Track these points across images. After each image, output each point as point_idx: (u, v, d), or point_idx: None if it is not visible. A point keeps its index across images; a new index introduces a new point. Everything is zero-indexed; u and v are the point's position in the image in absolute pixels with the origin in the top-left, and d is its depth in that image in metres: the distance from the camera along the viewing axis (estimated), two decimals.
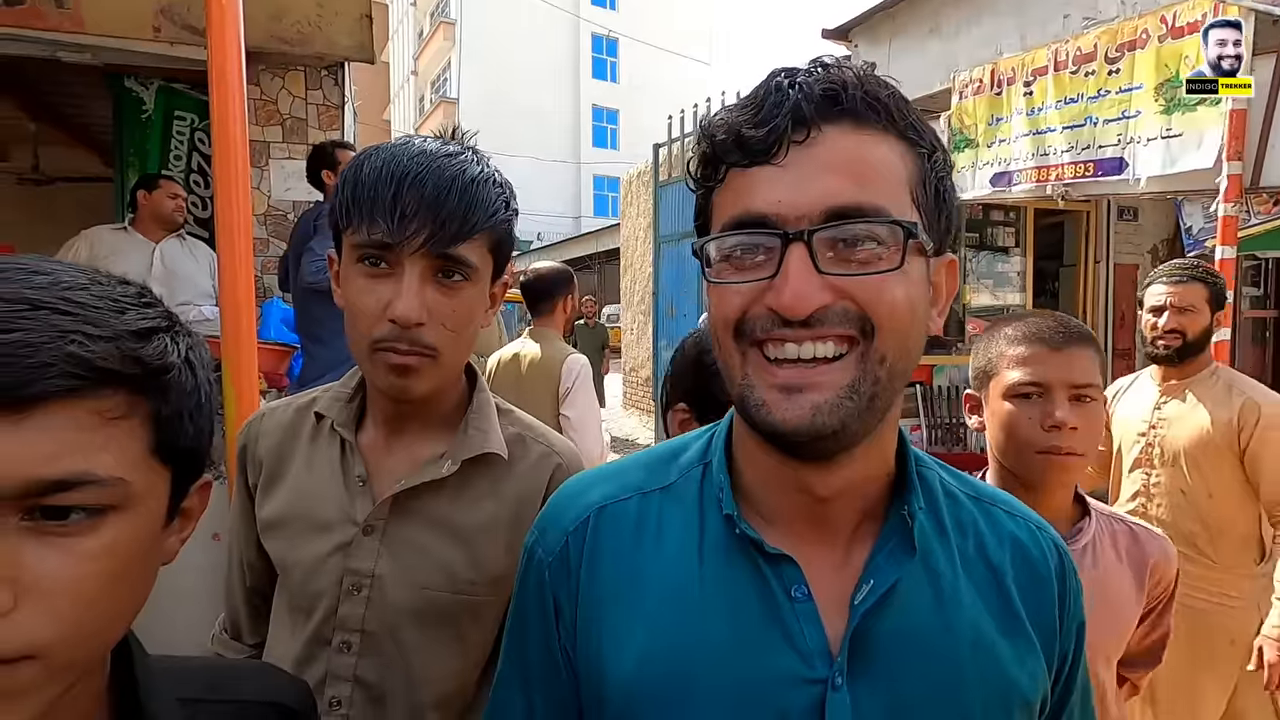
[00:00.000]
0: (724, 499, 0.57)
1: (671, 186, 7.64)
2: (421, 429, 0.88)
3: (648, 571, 0.57)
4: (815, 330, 0.49)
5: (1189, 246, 4.18)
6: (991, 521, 0.62)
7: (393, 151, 0.78)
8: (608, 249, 13.23)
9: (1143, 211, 5.99)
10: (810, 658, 0.53)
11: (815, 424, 0.49)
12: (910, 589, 0.55)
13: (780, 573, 0.55)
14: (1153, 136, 3.16)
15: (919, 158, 0.53)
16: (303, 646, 0.83)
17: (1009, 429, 1.05)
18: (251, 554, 0.92)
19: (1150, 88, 3.15)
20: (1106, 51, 3.35)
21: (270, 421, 0.92)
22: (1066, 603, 0.61)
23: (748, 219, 0.51)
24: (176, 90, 3.82)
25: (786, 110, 0.50)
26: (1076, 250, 6.06)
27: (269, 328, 3.21)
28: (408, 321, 0.76)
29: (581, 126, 26.71)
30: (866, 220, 0.49)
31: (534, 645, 0.61)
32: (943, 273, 0.57)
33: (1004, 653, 0.56)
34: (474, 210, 0.78)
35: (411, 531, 0.84)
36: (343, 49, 3.62)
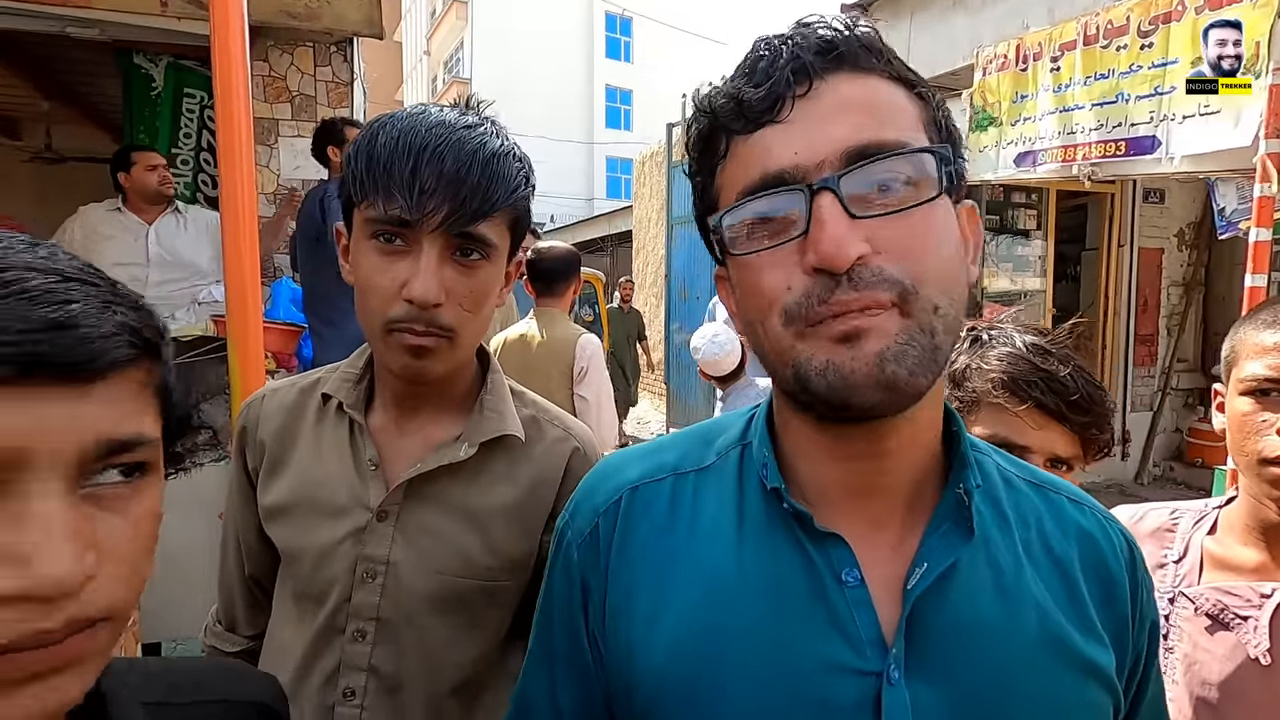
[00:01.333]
0: (768, 474, 0.54)
1: (685, 166, 7.55)
2: (435, 411, 0.85)
3: (681, 554, 0.54)
4: (863, 294, 0.45)
5: (1221, 229, 4.06)
6: (1055, 511, 0.58)
7: (410, 122, 0.74)
8: (620, 231, 13.15)
9: (1170, 193, 5.83)
10: (861, 647, 0.49)
11: (886, 373, 0.45)
12: (969, 576, 0.52)
13: (828, 554, 0.51)
14: (1189, 114, 3.04)
15: (924, 101, 0.51)
16: (314, 636, 0.81)
17: (1239, 432, 0.86)
18: (252, 540, 0.89)
19: (1186, 62, 3.02)
20: (1139, 25, 3.22)
21: (272, 403, 0.88)
22: (1139, 599, 0.57)
23: (763, 181, 0.48)
24: (186, 67, 3.80)
25: (783, 64, 0.48)
26: (1100, 233, 5.92)
27: (278, 307, 3.20)
28: (426, 303, 0.73)
29: (595, 107, 26.48)
30: (895, 153, 0.47)
31: (561, 627, 0.59)
32: (963, 219, 0.53)
33: (1079, 649, 0.52)
34: (495, 187, 0.74)
35: (427, 516, 0.81)
36: (351, 24, 3.56)
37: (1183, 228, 6.00)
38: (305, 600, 0.83)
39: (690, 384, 7.45)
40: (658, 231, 8.31)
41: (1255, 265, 2.81)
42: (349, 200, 0.77)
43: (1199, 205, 5.81)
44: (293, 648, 0.82)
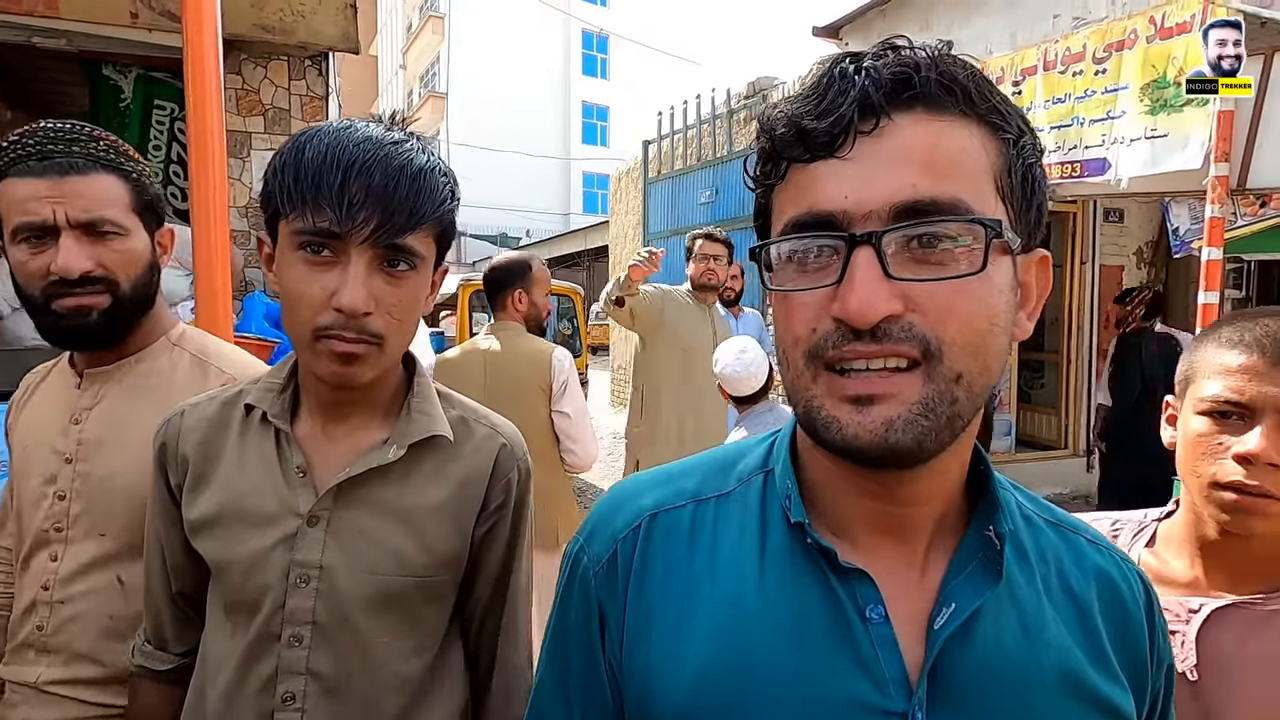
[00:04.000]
0: (791, 507, 0.53)
1: (660, 183, 7.62)
2: (363, 417, 0.87)
3: (703, 584, 0.53)
4: (883, 345, 0.45)
5: (1175, 248, 4.20)
6: (1074, 551, 0.57)
7: (336, 136, 0.75)
8: (596, 246, 13.19)
9: (1128, 213, 6.03)
10: (885, 686, 0.49)
11: (889, 441, 0.45)
12: (994, 617, 0.51)
13: (853, 590, 0.50)
14: (1136, 137, 3.16)
15: (1004, 144, 0.47)
16: (249, 644, 0.81)
17: (1192, 452, 0.84)
18: (178, 556, 0.88)
19: (1136, 88, 3.15)
20: (1095, 52, 3.36)
21: (192, 418, 0.88)
22: (1157, 642, 0.57)
23: (810, 219, 0.47)
24: (156, 78, 3.75)
25: (852, 98, 0.45)
26: (1063, 251, 6.10)
27: (250, 321, 3.16)
28: (355, 311, 0.75)
29: (571, 123, 26.61)
30: (942, 219, 0.44)
31: (577, 656, 0.57)
32: (1033, 270, 0.52)
33: (1097, 691, 0.51)
34: (423, 200, 0.77)
35: (358, 519, 0.82)
36: (327, 39, 3.56)
37: (1141, 246, 6.21)
38: (237, 610, 0.82)
39: None
40: (634, 247, 8.36)
41: (1208, 283, 2.93)
42: (275, 212, 0.78)
43: (1155, 225, 6.01)
44: (226, 659, 0.82)
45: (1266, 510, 0.78)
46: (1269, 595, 0.81)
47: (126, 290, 1.03)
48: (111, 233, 1.00)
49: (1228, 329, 0.84)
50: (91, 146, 1.02)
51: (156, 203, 1.09)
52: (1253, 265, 6.22)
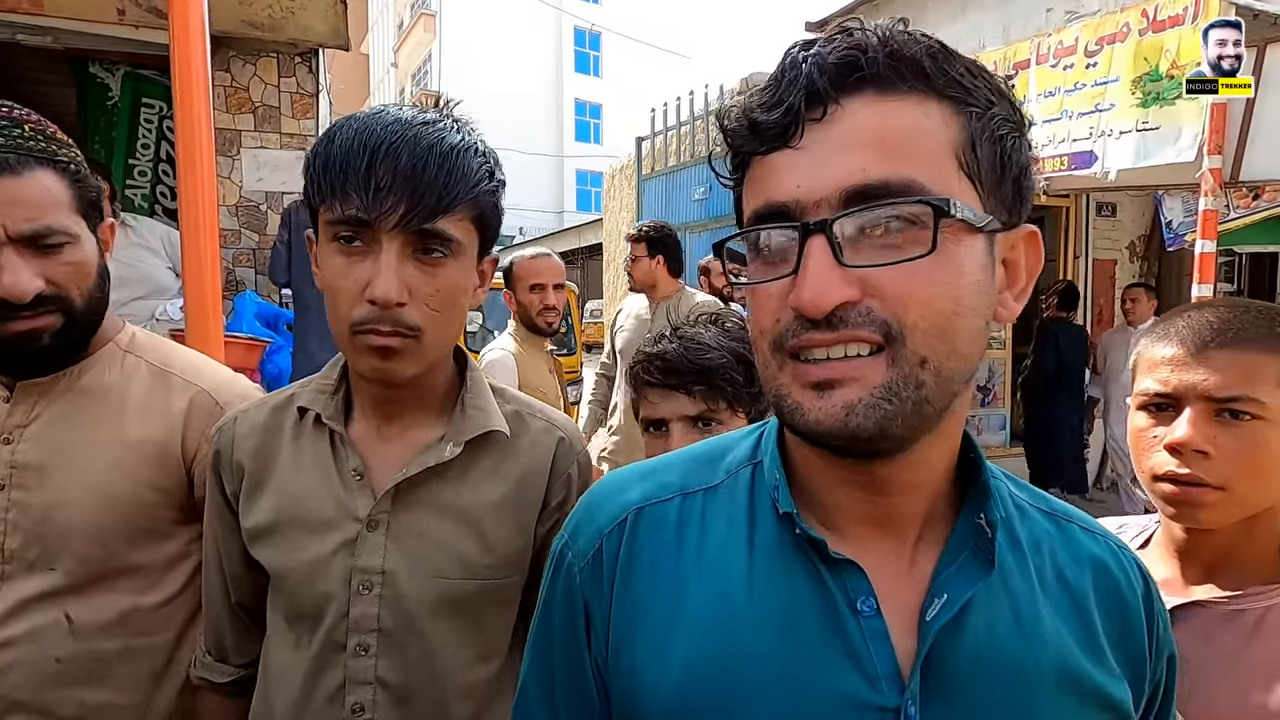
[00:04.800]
0: (780, 497, 0.52)
1: (654, 180, 7.61)
2: (415, 415, 0.84)
3: (690, 578, 0.52)
4: (840, 332, 0.44)
5: (1169, 241, 4.22)
6: (1069, 540, 0.56)
7: (366, 121, 0.73)
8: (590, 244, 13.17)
9: (1121, 207, 6.04)
10: (877, 681, 0.48)
11: (849, 425, 0.44)
12: (986, 609, 0.50)
13: (843, 581, 0.50)
14: (1126, 129, 3.17)
15: (967, 117, 0.46)
16: (314, 655, 0.78)
17: (1135, 447, 0.85)
18: (236, 566, 0.87)
19: (1126, 81, 3.15)
20: (1086, 45, 3.36)
21: (245, 424, 0.86)
22: (1155, 630, 0.56)
23: (766, 211, 0.47)
24: (144, 76, 3.71)
25: (799, 87, 0.45)
26: (1056, 245, 6.11)
27: (241, 321, 3.13)
28: (387, 302, 0.72)
29: (564, 120, 26.54)
30: (890, 202, 0.44)
31: (561, 654, 0.56)
32: (1020, 247, 0.50)
33: (1092, 681, 0.51)
34: (454, 182, 0.73)
35: (418, 521, 0.80)
36: (316, 35, 3.53)
37: (1134, 240, 6.22)
38: (300, 620, 0.80)
39: None
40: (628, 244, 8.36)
41: (1201, 275, 2.94)
42: (313, 206, 0.76)
43: (1148, 218, 6.03)
44: (292, 672, 0.80)
45: (1203, 499, 0.77)
46: (1234, 595, 0.79)
47: (80, 306, 0.91)
48: (60, 243, 0.87)
49: (1161, 325, 0.85)
50: (17, 135, 0.85)
51: (98, 196, 0.96)
52: (1244, 258, 6.26)
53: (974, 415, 5.80)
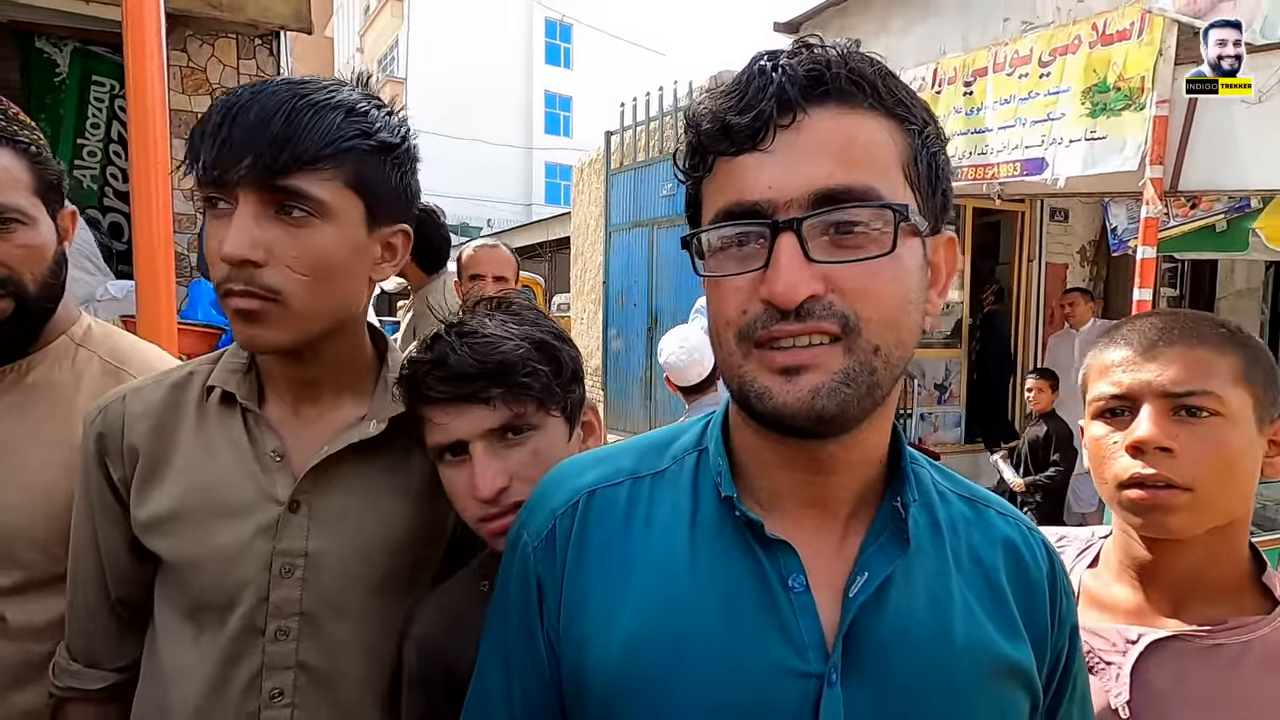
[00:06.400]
0: (722, 482, 0.56)
1: (623, 174, 7.60)
2: (334, 395, 0.83)
3: (637, 556, 0.56)
4: (806, 323, 0.49)
5: (1114, 246, 4.39)
6: (984, 522, 0.62)
7: (240, 87, 0.73)
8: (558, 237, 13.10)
9: (1073, 213, 6.26)
10: (804, 651, 0.52)
11: (815, 406, 0.49)
12: (904, 585, 0.55)
13: (777, 560, 0.54)
14: (1075, 138, 3.29)
15: (909, 134, 0.52)
16: (226, 644, 0.77)
17: (1094, 459, 0.81)
18: (122, 560, 0.82)
19: (1077, 91, 3.28)
20: (1041, 55, 3.48)
21: (138, 403, 0.81)
22: (1058, 604, 0.62)
23: (737, 209, 0.50)
24: (94, 53, 3.58)
25: (770, 94, 0.49)
26: (1010, 248, 6.30)
27: (195, 308, 3.06)
28: (232, 258, 0.69)
29: (534, 112, 26.30)
30: (856, 204, 0.49)
31: (516, 630, 0.59)
32: (941, 251, 0.56)
33: (1000, 651, 0.56)
34: (305, 135, 0.69)
35: (340, 501, 0.79)
36: (278, 17, 3.45)
37: (1084, 245, 6.45)
38: (207, 612, 0.77)
39: (628, 390, 7.49)
40: (596, 238, 8.33)
41: (1142, 280, 3.07)
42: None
43: (1098, 225, 6.26)
44: (195, 667, 0.77)
45: (1173, 503, 0.73)
46: (1213, 629, 0.75)
47: (34, 291, 0.88)
48: (13, 222, 0.86)
49: (1105, 335, 0.84)
50: None
51: (59, 180, 0.95)
52: (1186, 265, 6.53)
53: (931, 413, 5.95)
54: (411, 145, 0.80)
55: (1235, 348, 0.76)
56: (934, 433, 5.98)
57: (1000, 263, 6.46)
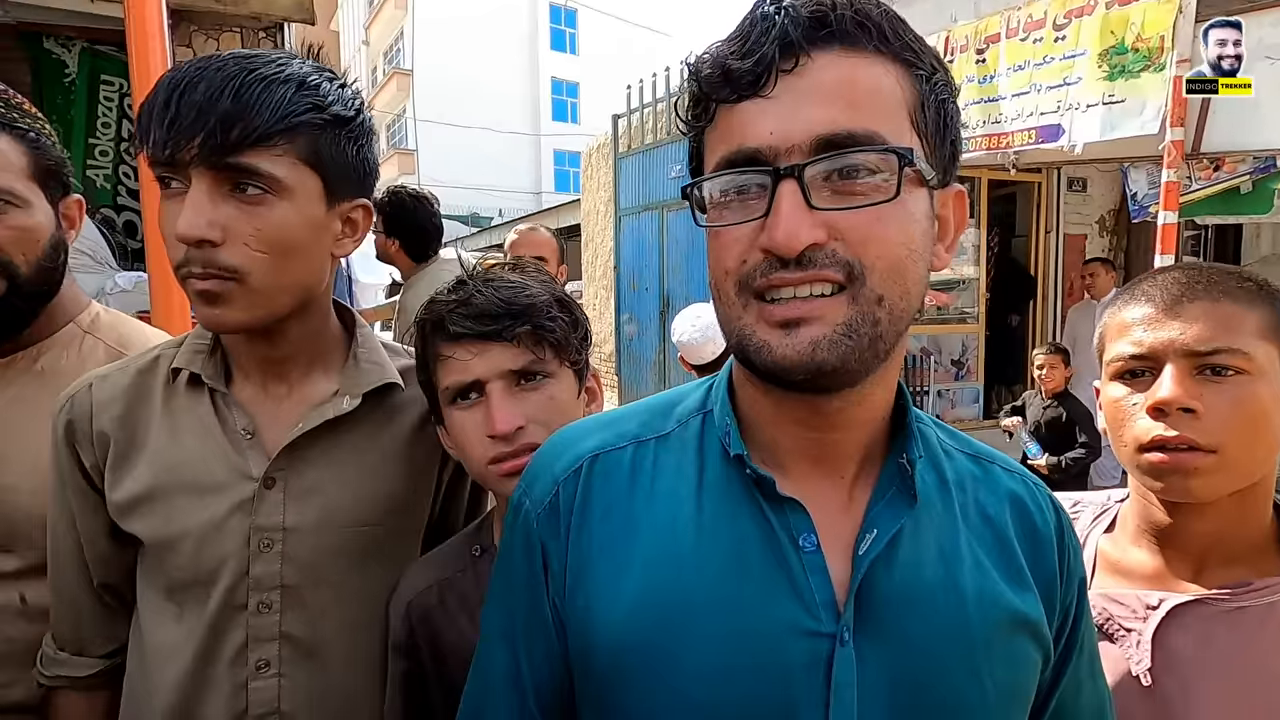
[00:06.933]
0: (731, 441, 0.55)
1: (631, 158, 7.55)
2: (303, 372, 0.84)
3: (642, 519, 0.55)
4: (808, 272, 0.48)
5: (1135, 213, 4.30)
6: (989, 478, 0.61)
7: (188, 61, 0.71)
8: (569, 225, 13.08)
9: (1091, 182, 6.12)
10: (815, 609, 0.52)
11: (815, 359, 0.48)
12: (914, 541, 0.55)
13: (786, 519, 0.53)
14: (1093, 103, 3.21)
15: (917, 80, 0.50)
16: (210, 620, 0.78)
17: (1114, 422, 0.78)
18: (101, 545, 0.82)
19: (1094, 54, 3.19)
20: (1055, 18, 3.39)
21: (105, 390, 0.81)
22: (1066, 558, 0.61)
23: (738, 156, 0.49)
24: (102, 52, 3.60)
25: (773, 38, 0.47)
26: (1028, 220, 6.18)
27: None
28: (187, 238, 0.68)
29: (540, 100, 26.17)
30: (859, 149, 0.47)
31: (521, 598, 0.59)
32: (950, 204, 0.55)
33: (1011, 605, 0.55)
34: (255, 112, 0.68)
35: (316, 476, 0.81)
36: (281, 9, 3.44)
37: (1103, 214, 6.32)
38: (188, 589, 0.79)
39: (641, 375, 7.48)
40: (606, 224, 8.30)
41: (1164, 247, 3.00)
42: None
43: (1117, 193, 6.12)
44: (182, 643, 0.78)
45: (1195, 465, 0.70)
46: (1235, 590, 0.73)
47: (26, 273, 0.90)
48: (5, 204, 0.87)
49: (1126, 291, 0.81)
50: None
51: (61, 167, 0.95)
52: (1210, 232, 6.38)
53: (949, 389, 5.89)
54: (366, 118, 0.79)
55: (1263, 301, 0.73)
56: (951, 409, 5.92)
57: (1017, 235, 6.35)
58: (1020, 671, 0.56)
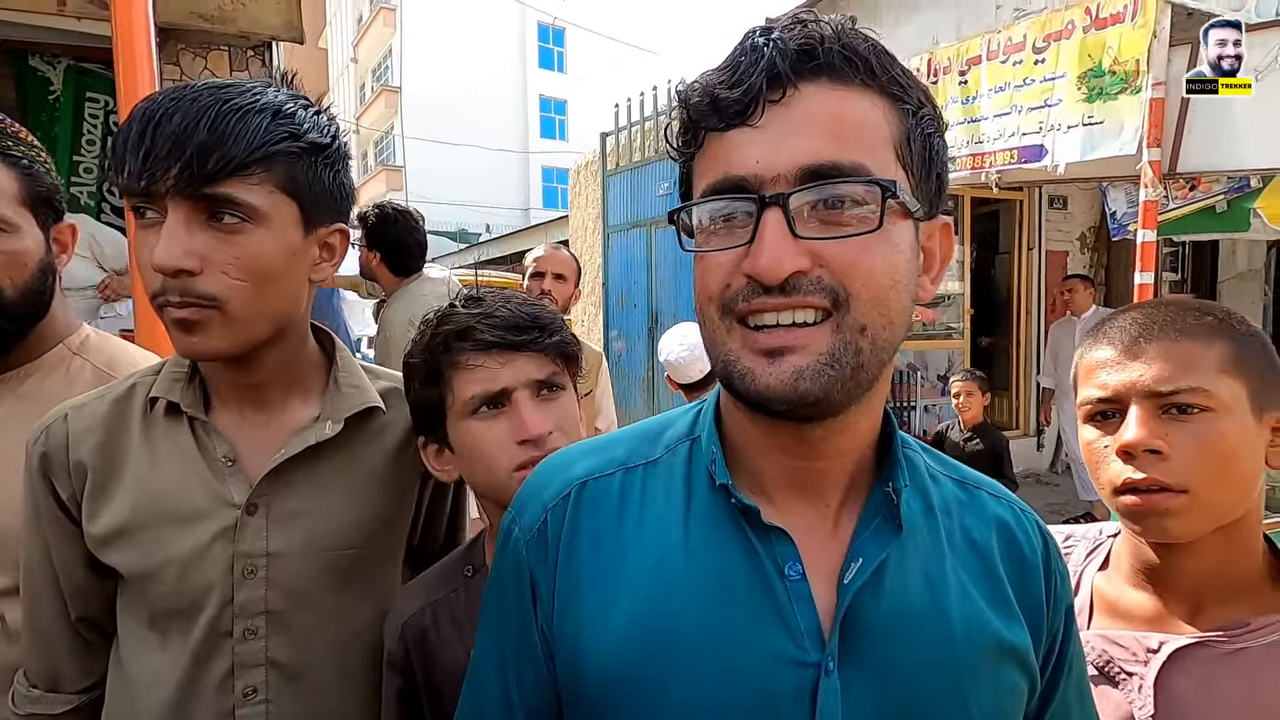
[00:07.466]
0: (717, 470, 0.56)
1: (619, 175, 7.60)
2: (282, 397, 0.84)
3: (630, 547, 0.56)
4: (792, 298, 0.48)
5: (1114, 231, 4.38)
6: (976, 504, 0.61)
7: (161, 91, 0.72)
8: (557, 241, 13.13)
9: (1072, 199, 6.24)
10: (801, 638, 0.52)
11: (798, 389, 0.48)
12: (899, 569, 0.55)
13: (772, 548, 0.54)
14: (1073, 124, 3.28)
15: (904, 114, 0.51)
16: (195, 647, 0.77)
17: (1089, 463, 0.78)
18: (79, 578, 0.81)
19: (1073, 76, 3.26)
20: (1034, 41, 3.46)
21: (81, 421, 0.80)
22: (1053, 585, 0.61)
23: (725, 184, 0.50)
24: (87, 70, 3.58)
25: (761, 69, 0.48)
26: (1010, 237, 6.28)
27: None
28: (165, 268, 0.68)
29: (529, 117, 26.33)
30: (843, 180, 0.48)
31: (510, 625, 0.59)
32: (936, 236, 0.55)
33: (997, 633, 0.55)
34: (232, 141, 0.68)
35: (299, 501, 0.80)
36: (269, 28, 3.45)
37: (1084, 231, 6.43)
38: (171, 618, 0.78)
39: (630, 391, 7.48)
40: (594, 240, 8.33)
41: (1143, 264, 3.06)
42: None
43: (1097, 211, 6.24)
44: (166, 672, 0.77)
45: (1167, 505, 0.71)
46: (1234, 632, 0.72)
47: (11, 296, 0.91)
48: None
49: (1093, 332, 0.81)
50: None
51: (53, 194, 0.97)
52: (1187, 248, 6.50)
53: (935, 404, 5.93)
54: (342, 144, 0.80)
55: (1221, 336, 0.73)
56: (937, 424, 5.97)
57: (1000, 252, 6.44)
58: (1006, 699, 0.56)
